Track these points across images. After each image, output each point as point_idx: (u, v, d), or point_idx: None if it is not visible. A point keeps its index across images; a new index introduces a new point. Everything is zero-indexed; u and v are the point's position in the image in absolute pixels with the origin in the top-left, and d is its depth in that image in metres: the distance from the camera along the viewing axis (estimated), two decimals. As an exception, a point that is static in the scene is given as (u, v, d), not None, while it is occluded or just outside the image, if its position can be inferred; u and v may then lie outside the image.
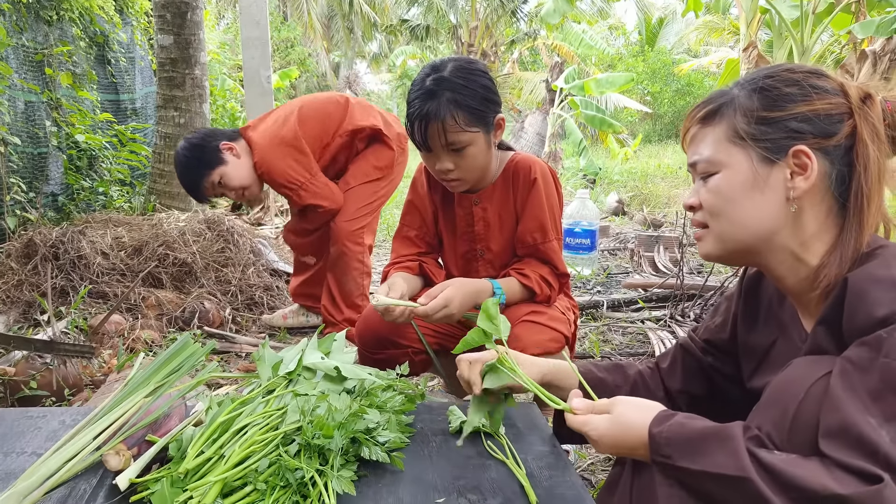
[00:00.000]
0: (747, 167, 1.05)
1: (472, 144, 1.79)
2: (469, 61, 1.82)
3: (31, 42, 4.76)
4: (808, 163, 1.02)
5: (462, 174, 1.85)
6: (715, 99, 1.11)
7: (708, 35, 18.92)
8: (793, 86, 1.04)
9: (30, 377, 2.46)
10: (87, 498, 1.24)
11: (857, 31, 6.77)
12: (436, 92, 1.74)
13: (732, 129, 1.07)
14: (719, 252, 1.13)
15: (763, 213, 1.05)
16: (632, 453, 1.10)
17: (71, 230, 3.80)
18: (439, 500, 1.26)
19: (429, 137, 1.77)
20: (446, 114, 1.72)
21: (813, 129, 1.02)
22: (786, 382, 1.03)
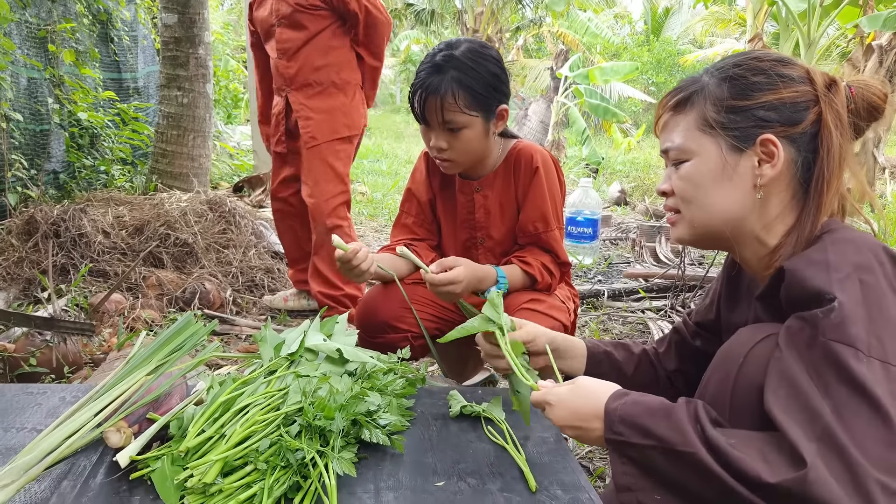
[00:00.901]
0: (716, 155, 1.09)
1: (468, 128, 1.79)
2: (483, 45, 1.83)
3: (35, 18, 4.73)
4: (775, 151, 1.05)
5: (454, 156, 1.84)
6: (686, 87, 1.14)
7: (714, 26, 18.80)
8: (760, 74, 1.08)
9: (29, 354, 2.46)
10: (86, 474, 1.24)
11: (864, 24, 6.72)
12: (443, 67, 1.75)
13: (702, 118, 1.10)
14: (690, 236, 1.17)
15: (731, 199, 1.09)
16: (585, 426, 1.10)
17: (72, 208, 3.79)
18: (439, 482, 1.26)
19: (426, 111, 1.78)
20: (447, 91, 1.73)
21: (779, 117, 1.06)
22: (728, 348, 1.11)
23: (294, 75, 3.06)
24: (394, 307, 1.98)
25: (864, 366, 0.87)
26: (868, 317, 0.91)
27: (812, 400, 0.89)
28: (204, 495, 1.10)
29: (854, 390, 0.87)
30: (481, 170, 1.99)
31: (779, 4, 8.59)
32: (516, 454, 1.34)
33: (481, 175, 2.00)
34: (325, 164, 3.13)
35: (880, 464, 0.83)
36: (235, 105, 9.71)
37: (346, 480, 1.21)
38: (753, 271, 1.18)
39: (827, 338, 0.91)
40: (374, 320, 1.99)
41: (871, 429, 0.85)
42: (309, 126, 3.08)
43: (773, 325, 1.09)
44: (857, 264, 0.95)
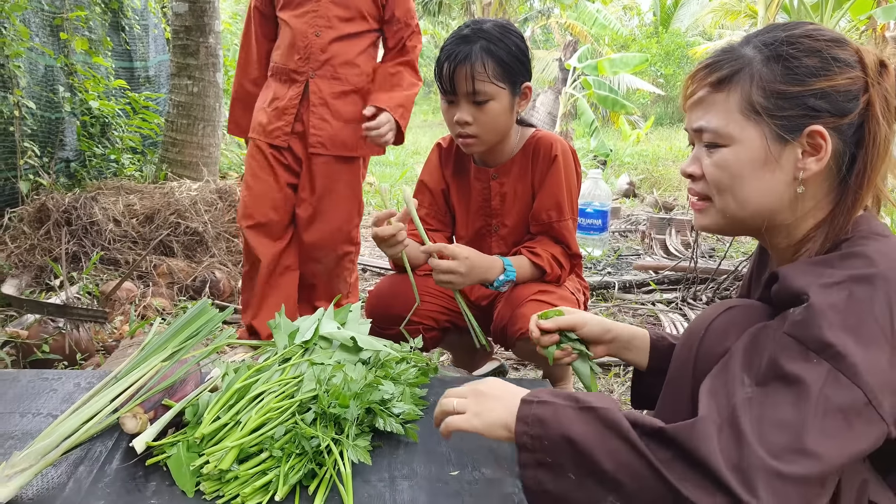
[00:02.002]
0: (760, 144, 1.00)
1: (495, 100, 1.79)
2: (508, 23, 1.85)
3: (50, 6, 4.73)
4: (823, 144, 0.97)
5: (478, 130, 1.83)
6: (727, 61, 1.03)
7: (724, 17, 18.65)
8: (814, 56, 0.98)
9: (42, 341, 2.48)
10: (102, 459, 1.25)
11: (878, 15, 6.67)
12: (471, 38, 1.77)
13: (747, 101, 1.00)
14: (719, 227, 1.09)
15: (769, 192, 1.01)
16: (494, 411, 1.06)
17: (83, 196, 3.80)
18: (453, 472, 1.26)
19: (456, 80, 1.77)
20: (477, 59, 1.74)
21: (830, 106, 0.97)
22: (693, 324, 1.11)
23: (328, 59, 2.63)
24: (406, 299, 1.98)
25: (808, 365, 0.85)
26: (841, 325, 0.86)
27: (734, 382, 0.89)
28: (220, 482, 1.11)
29: (782, 382, 0.85)
30: (499, 156, 1.98)
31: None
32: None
33: (499, 162, 1.99)
34: (342, 177, 2.73)
35: (776, 451, 0.81)
36: (244, 95, 9.68)
37: (360, 468, 1.22)
38: (777, 257, 1.14)
39: (785, 331, 0.89)
40: (387, 312, 1.99)
41: (782, 420, 0.83)
42: (323, 130, 2.65)
43: (737, 300, 1.10)
44: (858, 276, 0.89)
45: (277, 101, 2.66)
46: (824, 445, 0.81)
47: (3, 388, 1.56)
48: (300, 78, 2.65)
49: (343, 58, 2.65)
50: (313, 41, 2.62)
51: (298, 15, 2.63)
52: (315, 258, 2.77)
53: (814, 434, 0.82)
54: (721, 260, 3.90)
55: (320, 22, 2.62)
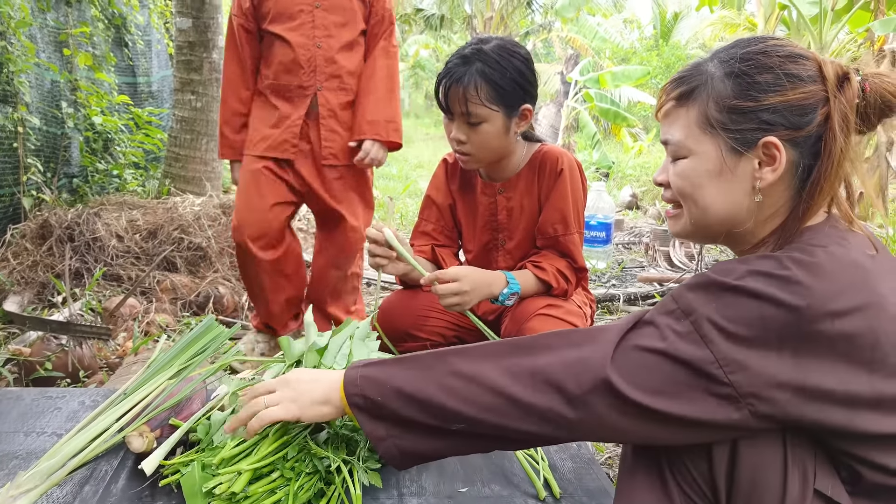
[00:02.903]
0: (715, 156, 1.04)
1: (488, 122, 1.79)
2: (514, 44, 1.83)
3: (56, 21, 4.76)
4: (777, 155, 1.00)
5: (472, 150, 1.84)
6: (690, 77, 1.08)
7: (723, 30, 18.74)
8: (767, 73, 1.01)
9: (45, 358, 2.46)
10: (108, 479, 1.24)
11: (876, 28, 6.68)
12: (469, 59, 1.77)
13: (703, 116, 1.05)
14: (688, 233, 1.14)
15: (728, 200, 1.05)
16: (310, 391, 1.10)
17: (86, 212, 3.80)
18: (462, 488, 1.25)
19: (449, 100, 1.79)
20: (470, 82, 1.74)
21: (784, 120, 1.00)
22: None
23: (335, 70, 2.63)
24: (412, 316, 1.97)
25: (670, 317, 0.94)
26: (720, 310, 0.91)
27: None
28: (230, 501, 1.09)
29: (647, 323, 0.96)
30: (505, 171, 1.98)
31: (790, 9, 8.55)
32: (540, 460, 1.33)
33: (505, 177, 1.99)
34: (356, 184, 2.77)
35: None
36: (246, 110, 9.72)
37: (369, 487, 1.20)
38: None
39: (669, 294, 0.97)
40: (394, 329, 1.98)
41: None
42: (334, 142, 2.66)
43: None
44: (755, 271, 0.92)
45: (286, 120, 2.64)
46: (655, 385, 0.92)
47: (7, 406, 1.55)
48: (308, 92, 2.63)
49: (348, 67, 2.66)
50: (317, 53, 2.61)
51: (294, 28, 2.60)
52: (336, 265, 2.83)
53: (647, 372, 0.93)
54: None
55: (318, 32, 2.61)
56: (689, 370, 0.90)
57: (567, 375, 0.94)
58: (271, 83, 2.66)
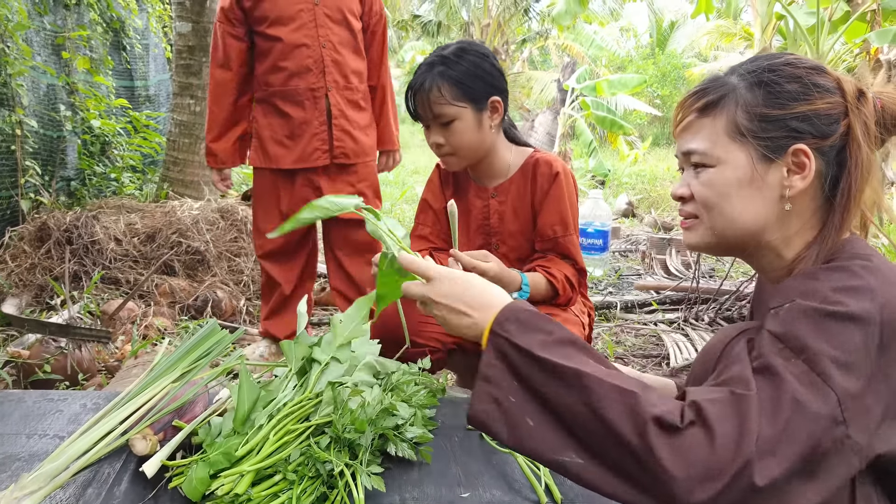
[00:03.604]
0: (745, 164, 1.05)
1: (459, 119, 1.84)
2: (470, 43, 1.91)
3: (53, 25, 4.76)
4: (807, 162, 1.02)
5: (453, 149, 1.89)
6: (713, 88, 1.09)
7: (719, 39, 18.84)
8: (794, 82, 1.03)
9: (44, 360, 2.46)
10: (111, 481, 1.24)
11: (873, 39, 6.73)
12: (431, 65, 1.85)
13: (733, 124, 1.05)
14: (706, 244, 1.13)
15: (756, 210, 1.06)
16: (467, 311, 1.05)
17: (85, 215, 3.80)
18: (464, 494, 1.25)
19: (418, 108, 1.87)
20: (432, 85, 1.82)
21: (812, 128, 1.02)
22: (708, 346, 1.11)
23: (342, 70, 2.63)
24: (411, 322, 1.98)
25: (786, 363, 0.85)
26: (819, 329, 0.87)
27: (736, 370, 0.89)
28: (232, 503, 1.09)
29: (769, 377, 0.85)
30: (495, 173, 2.02)
31: (787, 18, 8.61)
32: (541, 464, 1.33)
33: (497, 180, 2.02)
34: (370, 180, 2.81)
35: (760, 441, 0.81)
36: (244, 114, 9.73)
37: (371, 492, 1.21)
38: (768, 280, 1.17)
39: (766, 328, 0.91)
40: (392, 334, 1.99)
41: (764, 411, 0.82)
42: (345, 142, 2.67)
43: (750, 323, 1.11)
44: (839, 287, 0.90)
45: (307, 126, 2.60)
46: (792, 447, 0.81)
47: (9, 408, 1.55)
48: (319, 94, 2.61)
49: (351, 66, 2.66)
50: (323, 53, 2.58)
51: (296, 29, 2.55)
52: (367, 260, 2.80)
53: (786, 435, 0.81)
54: (723, 280, 3.90)
55: (322, 31, 2.57)
56: (821, 426, 0.81)
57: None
58: (278, 90, 2.60)
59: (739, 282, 3.87)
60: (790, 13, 8.14)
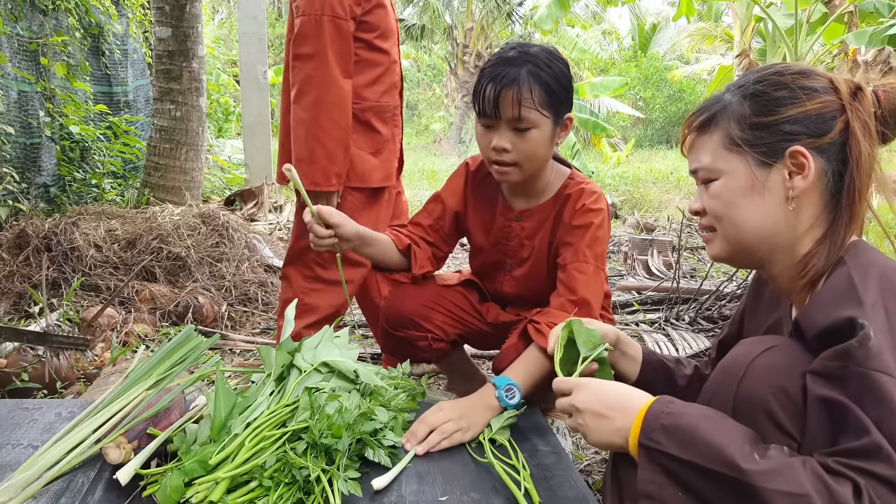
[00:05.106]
0: (745, 172, 1.08)
1: (538, 128, 1.67)
2: (555, 49, 1.74)
3: (27, 31, 4.71)
4: (805, 162, 1.04)
5: (517, 158, 1.70)
6: (709, 107, 1.14)
7: (700, 42, 19.02)
8: (782, 89, 1.07)
9: (21, 369, 2.43)
10: (84, 491, 1.22)
11: (850, 40, 6.82)
12: (516, 60, 1.65)
13: (728, 137, 1.10)
14: (727, 253, 1.16)
15: (763, 213, 1.08)
16: (609, 415, 1.06)
17: (64, 221, 3.76)
18: (442, 497, 1.25)
19: (501, 104, 1.64)
20: (524, 84, 1.62)
21: (806, 129, 1.05)
22: (727, 363, 1.07)
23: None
24: (419, 305, 1.96)
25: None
26: (894, 345, 0.88)
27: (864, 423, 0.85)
28: (207, 512, 1.09)
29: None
30: (529, 193, 1.87)
31: (766, 21, 8.70)
32: (521, 468, 1.33)
33: (528, 204, 1.88)
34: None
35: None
36: (226, 119, 9.70)
37: (349, 497, 1.20)
38: (782, 287, 1.17)
39: (863, 367, 0.87)
40: (399, 314, 1.97)
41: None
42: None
43: (774, 338, 1.08)
44: (882, 290, 0.94)
45: (389, 143, 2.43)
46: None
47: (-18, 418, 1.53)
48: (398, 111, 2.46)
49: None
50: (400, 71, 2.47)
51: (394, 44, 2.39)
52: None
53: None
54: (703, 280, 3.93)
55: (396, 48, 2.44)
56: None
57: None
58: (374, 104, 2.38)
59: (719, 282, 3.90)
60: (769, 15, 8.23)
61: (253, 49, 7.31)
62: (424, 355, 2.03)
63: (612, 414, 1.05)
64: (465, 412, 1.47)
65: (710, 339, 3.18)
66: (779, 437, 0.96)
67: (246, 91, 7.48)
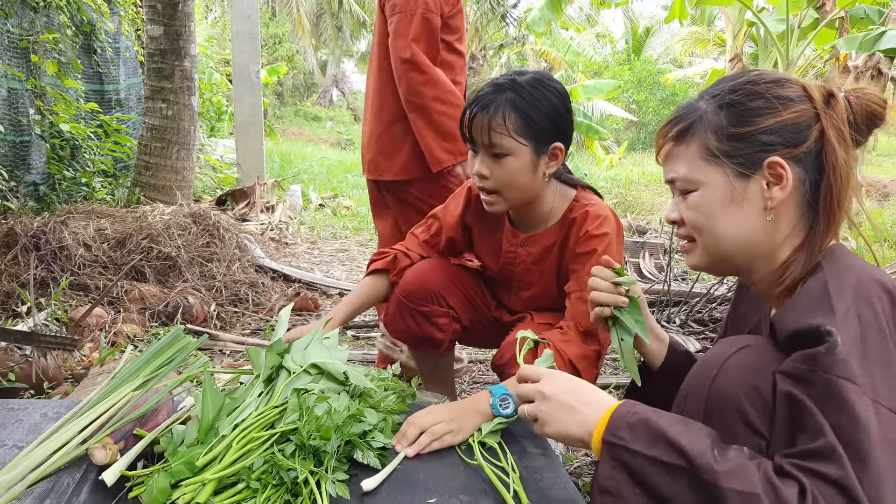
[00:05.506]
0: (724, 183, 1.08)
1: (514, 156, 1.65)
2: (550, 78, 1.72)
3: (17, 28, 4.68)
4: (783, 173, 1.04)
5: (496, 185, 1.70)
6: (684, 116, 1.13)
7: (693, 46, 19.09)
8: (758, 99, 1.06)
9: (8, 369, 2.41)
10: (70, 492, 1.21)
11: (841, 46, 6.87)
12: (502, 87, 1.66)
13: (705, 148, 1.09)
14: (706, 263, 1.16)
15: (742, 224, 1.08)
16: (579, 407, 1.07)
17: (53, 220, 3.73)
18: (431, 500, 1.25)
19: (473, 128, 1.67)
20: (498, 111, 1.63)
21: (783, 139, 1.05)
22: (703, 361, 1.10)
23: None
24: (443, 280, 1.94)
25: (862, 402, 0.87)
26: (864, 356, 0.90)
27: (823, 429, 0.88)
28: (194, 514, 1.08)
29: (855, 424, 0.86)
30: (533, 220, 1.85)
31: (758, 25, 8.74)
32: (510, 470, 1.33)
33: (533, 227, 1.86)
34: None
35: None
36: (219, 118, 9.67)
37: (337, 499, 1.19)
38: (762, 292, 1.18)
39: (828, 373, 0.89)
40: (425, 287, 1.92)
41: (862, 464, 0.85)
42: None
43: (750, 338, 1.11)
44: (856, 298, 0.94)
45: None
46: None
47: (-33, 418, 1.51)
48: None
49: None
50: None
51: (465, 49, 2.54)
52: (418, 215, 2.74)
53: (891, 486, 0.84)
54: (694, 283, 3.94)
55: None
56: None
57: None
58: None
59: (710, 284, 3.91)
60: (761, 20, 8.27)
61: (246, 48, 7.30)
62: (439, 336, 1.95)
63: (581, 407, 1.07)
64: (455, 415, 1.47)
65: (701, 342, 3.18)
66: (749, 434, 0.98)
67: (238, 90, 7.46)
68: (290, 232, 6.01)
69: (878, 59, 7.23)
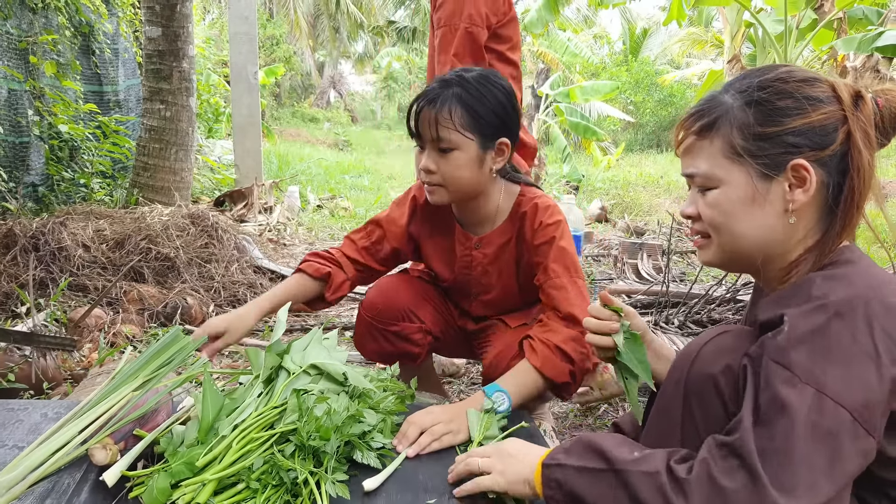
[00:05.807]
0: (746, 183, 1.06)
1: (460, 150, 1.66)
2: (497, 75, 1.74)
3: (16, 29, 4.68)
4: (807, 176, 1.02)
5: (441, 179, 1.70)
6: (708, 110, 1.10)
7: (691, 47, 19.09)
8: (787, 98, 1.03)
9: (8, 370, 2.41)
10: (70, 492, 1.21)
11: (839, 46, 6.88)
12: (449, 83, 1.67)
13: (729, 145, 1.06)
14: (720, 260, 1.15)
15: (762, 225, 1.07)
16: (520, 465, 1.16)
17: (52, 221, 3.73)
18: (430, 500, 1.25)
19: (420, 125, 1.68)
20: (444, 105, 1.64)
21: (809, 142, 1.02)
22: (687, 347, 1.14)
23: None
24: (410, 295, 1.94)
25: (794, 390, 0.89)
26: (819, 348, 0.91)
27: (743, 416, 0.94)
28: (194, 514, 1.08)
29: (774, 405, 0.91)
30: (481, 218, 1.86)
31: (756, 26, 8.76)
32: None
33: (483, 227, 1.87)
34: None
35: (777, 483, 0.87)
36: (217, 119, 9.66)
37: (337, 499, 1.20)
38: (767, 288, 1.18)
39: (770, 357, 0.94)
40: (393, 305, 1.91)
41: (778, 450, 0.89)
42: None
43: (729, 325, 1.14)
44: (839, 301, 0.94)
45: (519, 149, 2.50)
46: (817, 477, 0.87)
47: (-33, 419, 1.51)
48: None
49: None
50: None
51: (520, 57, 2.51)
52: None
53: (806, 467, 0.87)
54: (692, 284, 3.94)
55: None
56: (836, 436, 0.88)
57: None
58: None
59: (709, 285, 3.92)
60: (759, 21, 8.29)
61: (243, 49, 7.30)
62: (416, 350, 1.95)
63: (520, 456, 1.18)
64: (454, 415, 1.47)
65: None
66: (722, 410, 1.04)
67: (236, 91, 7.46)
68: (288, 233, 6.02)
69: (876, 59, 7.24)
